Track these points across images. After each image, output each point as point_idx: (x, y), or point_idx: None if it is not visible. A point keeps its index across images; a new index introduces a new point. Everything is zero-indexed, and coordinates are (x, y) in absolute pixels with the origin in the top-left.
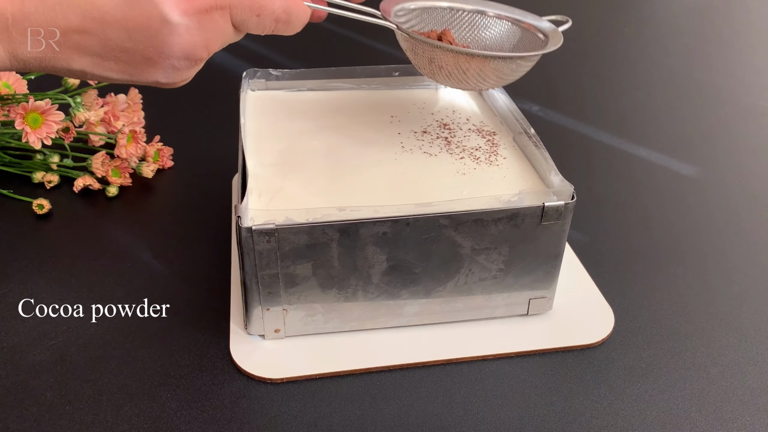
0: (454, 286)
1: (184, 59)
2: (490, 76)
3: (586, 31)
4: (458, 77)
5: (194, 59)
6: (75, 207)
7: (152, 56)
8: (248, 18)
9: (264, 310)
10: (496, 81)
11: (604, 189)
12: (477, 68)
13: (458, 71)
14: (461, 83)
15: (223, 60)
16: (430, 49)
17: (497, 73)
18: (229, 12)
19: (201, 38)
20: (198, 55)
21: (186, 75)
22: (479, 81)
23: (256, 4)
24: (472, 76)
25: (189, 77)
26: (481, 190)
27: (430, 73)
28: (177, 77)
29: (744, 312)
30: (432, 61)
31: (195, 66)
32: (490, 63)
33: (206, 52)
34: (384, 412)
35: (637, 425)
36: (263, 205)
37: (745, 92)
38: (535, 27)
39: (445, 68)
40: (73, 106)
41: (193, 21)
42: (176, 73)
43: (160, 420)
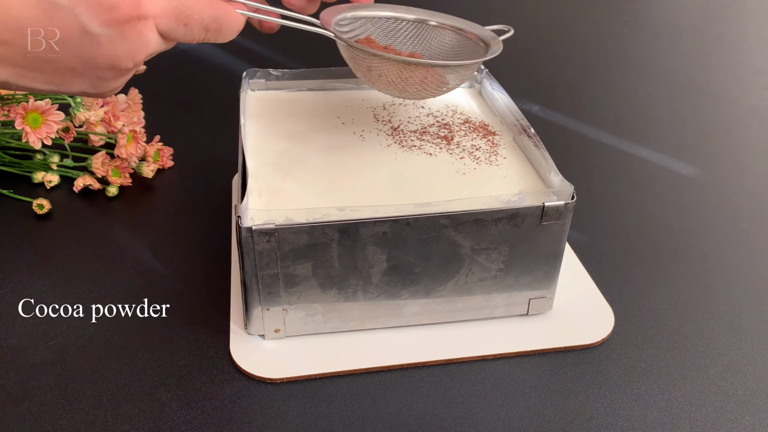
0: (454, 286)
1: (109, 70)
2: (431, 85)
3: (586, 31)
4: (399, 85)
5: (120, 70)
6: (75, 207)
7: (76, 67)
8: (175, 27)
9: (264, 310)
10: (437, 89)
11: (604, 189)
12: (419, 76)
13: (399, 79)
14: (403, 92)
15: (223, 60)
16: (368, 58)
17: (438, 81)
18: (153, 22)
19: (125, 49)
20: (123, 65)
21: (114, 85)
22: (420, 89)
23: (183, 14)
24: (412, 84)
25: (118, 87)
26: (481, 190)
27: (370, 81)
28: (104, 87)
29: (744, 312)
30: (371, 69)
31: (122, 76)
32: (430, 71)
33: (132, 63)
34: (384, 412)
35: (637, 425)
36: (263, 205)
37: (745, 92)
38: (477, 36)
39: (385, 76)
40: (73, 106)
41: (115, 31)
42: (103, 83)
43: (160, 420)
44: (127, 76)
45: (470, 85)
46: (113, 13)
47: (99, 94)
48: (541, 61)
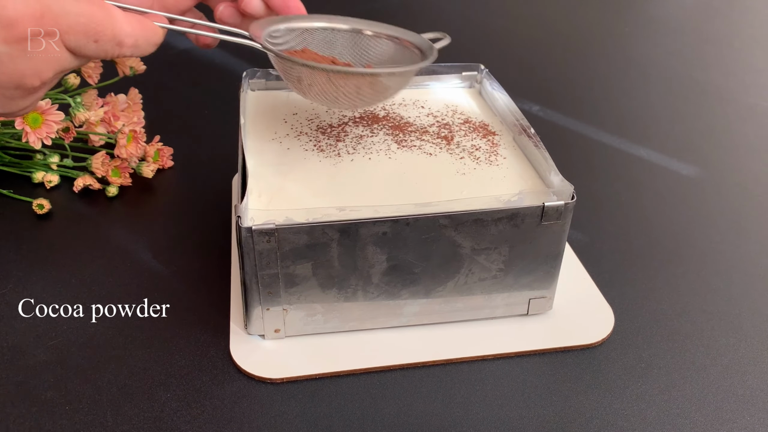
0: (454, 286)
1: (15, 89)
2: (366, 93)
3: (586, 31)
4: (331, 95)
5: (27, 88)
6: (75, 207)
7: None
8: (85, 44)
9: (264, 310)
10: (373, 98)
11: (604, 189)
12: (352, 86)
13: (331, 89)
14: (335, 102)
15: (223, 60)
16: (297, 68)
17: (373, 89)
18: (60, 38)
19: (28, 67)
20: (29, 84)
21: (23, 104)
22: (354, 99)
23: (92, 30)
24: (345, 93)
25: (29, 105)
26: (481, 190)
27: (302, 92)
28: (13, 107)
29: (744, 312)
30: (301, 80)
31: (31, 95)
32: (363, 80)
33: (38, 81)
34: (384, 412)
35: (637, 425)
36: (263, 205)
37: (745, 92)
38: (412, 43)
39: (316, 86)
40: (73, 106)
41: (16, 49)
42: (11, 102)
43: (160, 420)
44: (37, 94)
45: (470, 85)
46: (12, 30)
47: (9, 113)
48: (541, 61)
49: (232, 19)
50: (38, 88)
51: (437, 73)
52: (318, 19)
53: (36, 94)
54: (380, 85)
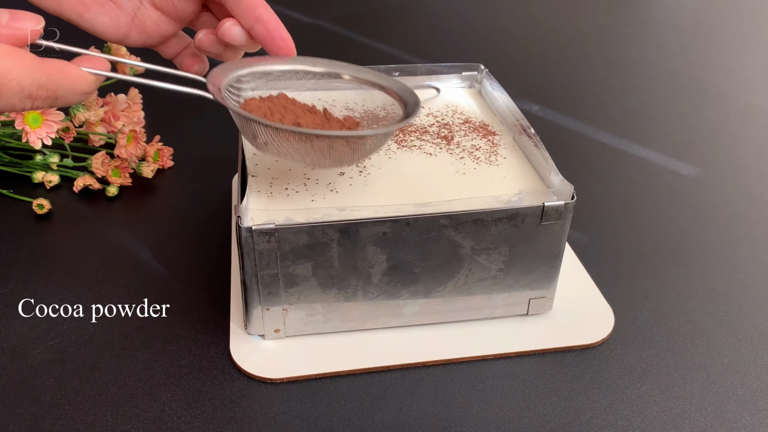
0: (454, 286)
1: None
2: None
3: (586, 31)
4: (295, 154)
5: None
6: (75, 207)
7: None
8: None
9: (264, 310)
10: (347, 156)
11: (604, 189)
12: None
13: (298, 144)
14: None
15: None
16: (253, 125)
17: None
18: None
19: None
20: None
21: None
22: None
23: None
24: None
25: None
26: (481, 190)
27: (261, 149)
28: None
29: (744, 312)
30: (256, 137)
31: None
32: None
33: None
34: (384, 412)
35: (637, 425)
36: (263, 205)
37: (745, 92)
38: (396, 93)
39: (272, 144)
40: (73, 106)
41: None
42: None
43: (160, 420)
44: None
45: (470, 85)
46: None
47: None
48: (541, 61)
49: (212, 47)
50: None
51: (437, 73)
52: (294, 62)
53: None
54: (359, 143)
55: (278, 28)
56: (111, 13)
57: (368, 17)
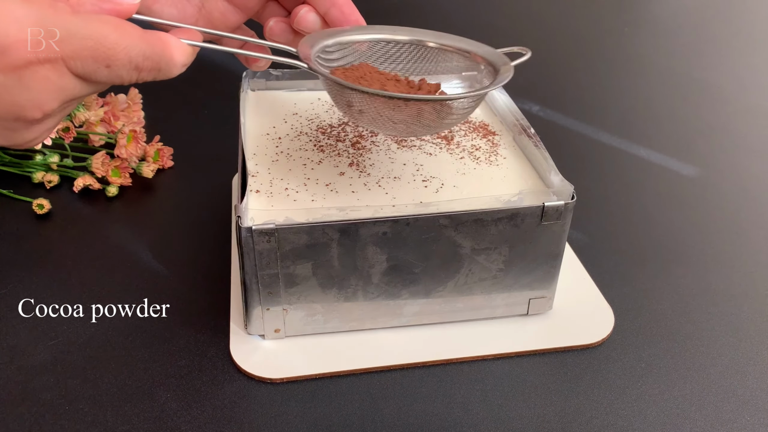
0: (454, 286)
1: (15, 121)
2: (428, 118)
3: (586, 31)
4: (385, 123)
5: (26, 120)
6: (75, 207)
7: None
8: (95, 69)
9: (264, 310)
10: (435, 124)
11: (604, 189)
12: (412, 110)
13: (388, 112)
14: (392, 129)
15: (223, 60)
16: (347, 92)
17: (437, 114)
18: (64, 65)
19: (26, 97)
20: (29, 116)
21: (29, 137)
22: (414, 126)
23: (102, 54)
24: (403, 119)
25: (36, 138)
26: (481, 190)
27: (354, 119)
28: (18, 139)
29: (744, 312)
30: (351, 105)
31: (34, 126)
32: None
33: (39, 112)
34: (384, 412)
35: (637, 425)
36: (263, 205)
37: (745, 92)
38: (484, 59)
39: (368, 112)
40: None
41: (10, 79)
42: (14, 135)
43: (160, 420)
44: (41, 126)
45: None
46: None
47: (15, 145)
48: (540, 61)
49: (283, 36)
50: (41, 119)
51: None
52: (377, 31)
53: (41, 125)
54: (444, 111)
55: (353, 12)
56: (179, 4)
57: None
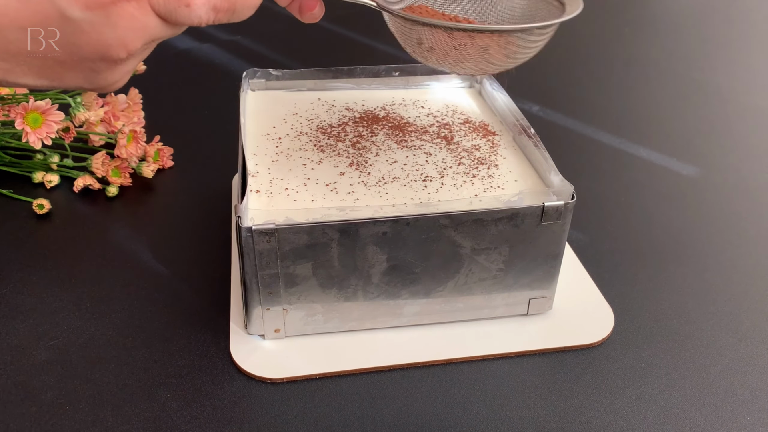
0: (454, 286)
1: (100, 61)
2: (494, 55)
3: (586, 31)
4: (455, 57)
5: (113, 60)
6: (75, 207)
7: (65, 59)
8: (175, 9)
9: (264, 310)
10: (502, 61)
11: (604, 189)
12: (479, 46)
13: (454, 51)
14: (459, 65)
15: (223, 60)
16: (417, 29)
17: (503, 50)
18: (147, 3)
19: (113, 35)
20: (114, 54)
21: (111, 78)
22: (480, 62)
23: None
24: (470, 55)
25: (117, 80)
26: (481, 190)
27: (422, 56)
28: (101, 81)
29: (744, 312)
30: (421, 42)
31: (117, 67)
32: (493, 39)
33: (125, 52)
34: (384, 412)
35: (637, 425)
36: (263, 205)
37: (745, 92)
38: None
39: (438, 49)
40: (73, 106)
41: (98, 16)
42: (98, 76)
43: (160, 420)
44: (124, 66)
45: (470, 85)
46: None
47: (98, 88)
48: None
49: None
50: (125, 60)
51: (437, 73)
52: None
53: (123, 66)
54: (512, 46)
55: None
56: None
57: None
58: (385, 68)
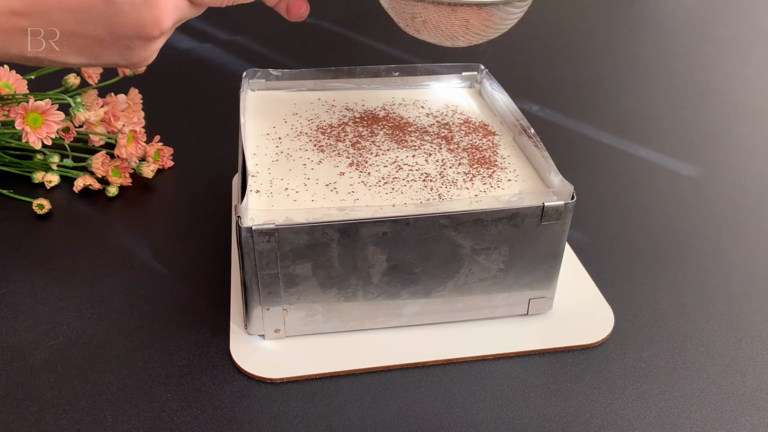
0: (454, 286)
1: (136, 38)
2: (481, 25)
3: (586, 31)
4: (446, 32)
5: (146, 38)
6: (75, 207)
7: (104, 38)
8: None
9: (264, 310)
10: (488, 31)
11: (604, 189)
12: (460, 19)
13: (445, 25)
14: (451, 38)
15: (223, 60)
16: (410, 5)
17: (488, 21)
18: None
19: (150, 15)
20: (149, 33)
21: (144, 55)
22: (469, 33)
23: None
24: (460, 27)
25: (148, 57)
26: (480, 190)
27: (415, 30)
28: (135, 57)
29: (744, 312)
30: (414, 17)
31: (150, 44)
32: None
33: (158, 30)
34: (384, 412)
35: (636, 425)
36: (263, 205)
37: (745, 92)
38: None
39: (430, 22)
40: (73, 106)
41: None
42: (132, 53)
43: (160, 420)
44: (155, 44)
45: (470, 85)
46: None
47: (131, 64)
48: (541, 61)
49: None
50: (157, 38)
51: (437, 73)
52: None
53: (155, 43)
54: (490, 19)
55: None
56: None
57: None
58: (385, 68)
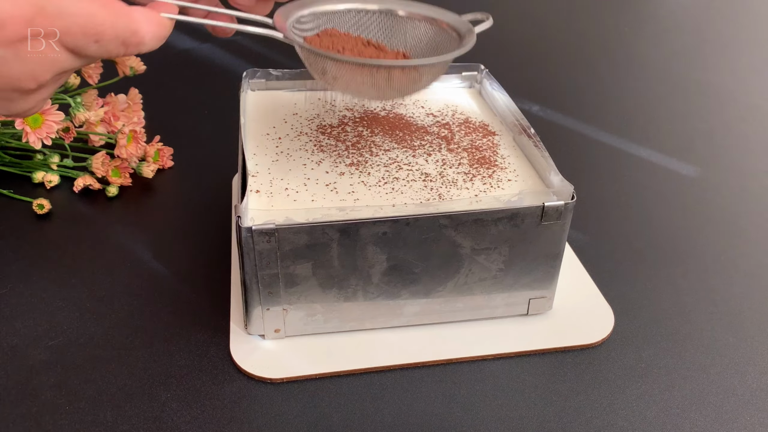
0: (454, 286)
1: (12, 91)
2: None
3: (586, 31)
4: (357, 88)
5: (24, 91)
6: (75, 207)
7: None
8: (85, 45)
9: (264, 310)
10: (406, 89)
11: (604, 189)
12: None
13: (356, 82)
14: (362, 95)
15: (223, 60)
16: (322, 60)
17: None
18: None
19: (22, 70)
20: (25, 86)
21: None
22: (380, 91)
23: (92, 30)
24: (372, 86)
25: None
26: (480, 190)
27: (328, 85)
28: (16, 108)
29: (744, 312)
30: (325, 72)
31: (30, 96)
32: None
33: (35, 83)
34: (384, 412)
35: (637, 425)
36: (263, 205)
37: (745, 92)
38: (450, 26)
39: (341, 79)
40: (73, 106)
41: (8, 52)
42: (11, 104)
43: (160, 420)
44: (37, 95)
45: (470, 85)
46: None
47: (14, 114)
48: (541, 61)
49: (246, 1)
50: (36, 90)
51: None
52: (347, 1)
53: (36, 95)
54: (413, 75)
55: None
56: None
57: None
58: None
